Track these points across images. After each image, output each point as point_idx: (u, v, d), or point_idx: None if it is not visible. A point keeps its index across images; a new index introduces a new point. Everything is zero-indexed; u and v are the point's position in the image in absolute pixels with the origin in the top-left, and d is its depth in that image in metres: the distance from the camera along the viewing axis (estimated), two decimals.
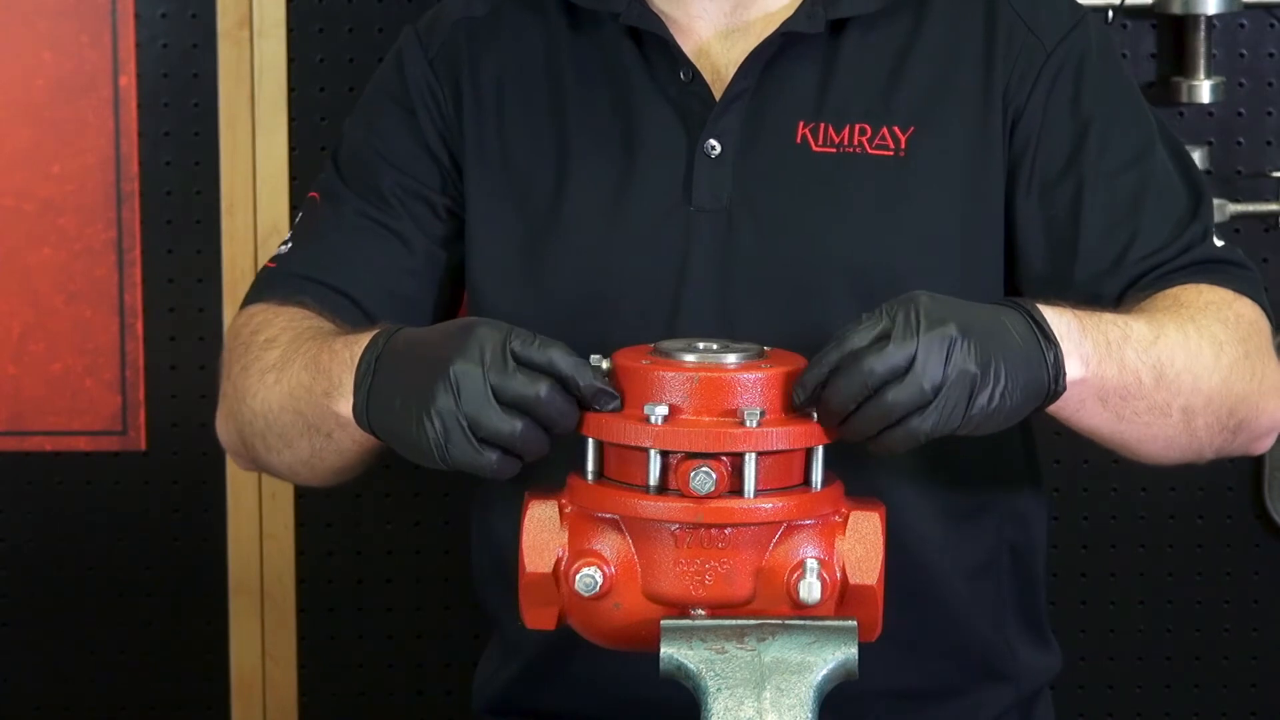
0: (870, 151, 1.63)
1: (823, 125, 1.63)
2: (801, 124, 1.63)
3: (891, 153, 1.62)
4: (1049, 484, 1.83)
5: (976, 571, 1.67)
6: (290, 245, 1.72)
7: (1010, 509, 1.69)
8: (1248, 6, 2.40)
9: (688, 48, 1.64)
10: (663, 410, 1.35)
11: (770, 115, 1.63)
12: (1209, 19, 2.37)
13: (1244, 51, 2.43)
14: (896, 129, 1.62)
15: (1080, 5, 1.68)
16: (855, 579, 1.38)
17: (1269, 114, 2.44)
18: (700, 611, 1.36)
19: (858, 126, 1.63)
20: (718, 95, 1.62)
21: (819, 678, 1.31)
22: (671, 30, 1.64)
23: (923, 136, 1.62)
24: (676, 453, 1.35)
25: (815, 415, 1.37)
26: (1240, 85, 2.43)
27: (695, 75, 1.63)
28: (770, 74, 1.64)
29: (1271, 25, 2.44)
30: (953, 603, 1.65)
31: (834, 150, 1.62)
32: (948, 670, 1.67)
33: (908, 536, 1.59)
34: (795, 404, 1.37)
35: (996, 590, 1.69)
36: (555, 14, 1.69)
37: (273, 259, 1.73)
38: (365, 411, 1.47)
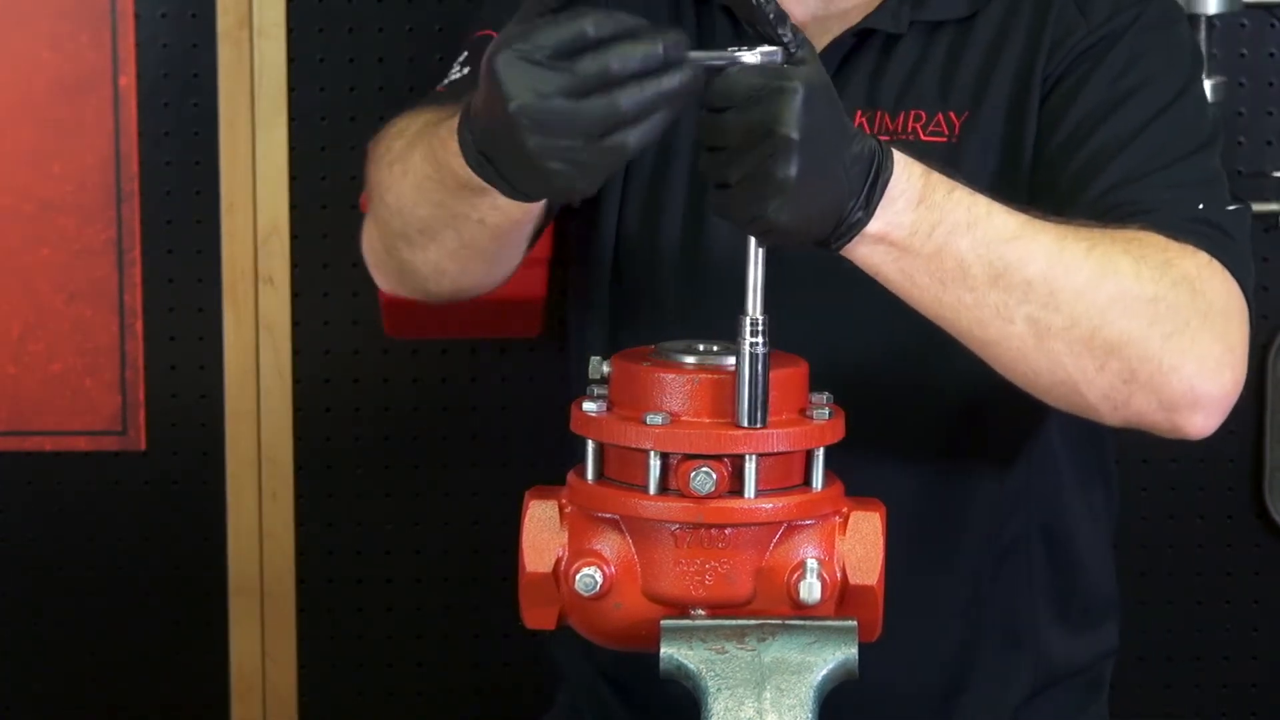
0: (924, 138, 1.65)
1: (879, 113, 1.65)
2: (860, 113, 1.65)
3: (945, 139, 1.65)
4: None
5: (998, 548, 1.71)
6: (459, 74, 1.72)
7: (1041, 491, 1.72)
8: (1248, 6, 2.40)
9: None
10: (663, 413, 1.35)
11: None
12: (1209, 19, 2.37)
13: (1244, 51, 2.43)
14: (952, 114, 1.65)
15: None
16: (855, 579, 1.38)
17: (1269, 114, 2.44)
18: (700, 611, 1.36)
19: (913, 113, 1.66)
20: None
21: (819, 678, 1.31)
22: None
23: (974, 120, 1.64)
24: (677, 453, 1.35)
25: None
26: (1240, 85, 2.43)
27: None
28: (847, 64, 1.67)
29: (1272, 25, 2.44)
30: (969, 576, 1.70)
31: (887, 138, 1.64)
32: (964, 635, 1.72)
33: (919, 507, 1.66)
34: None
35: (1025, 569, 1.72)
36: None
37: (444, 84, 1.72)
38: (473, 157, 1.41)
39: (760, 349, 1.35)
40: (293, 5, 2.41)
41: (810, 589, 1.35)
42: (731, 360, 1.37)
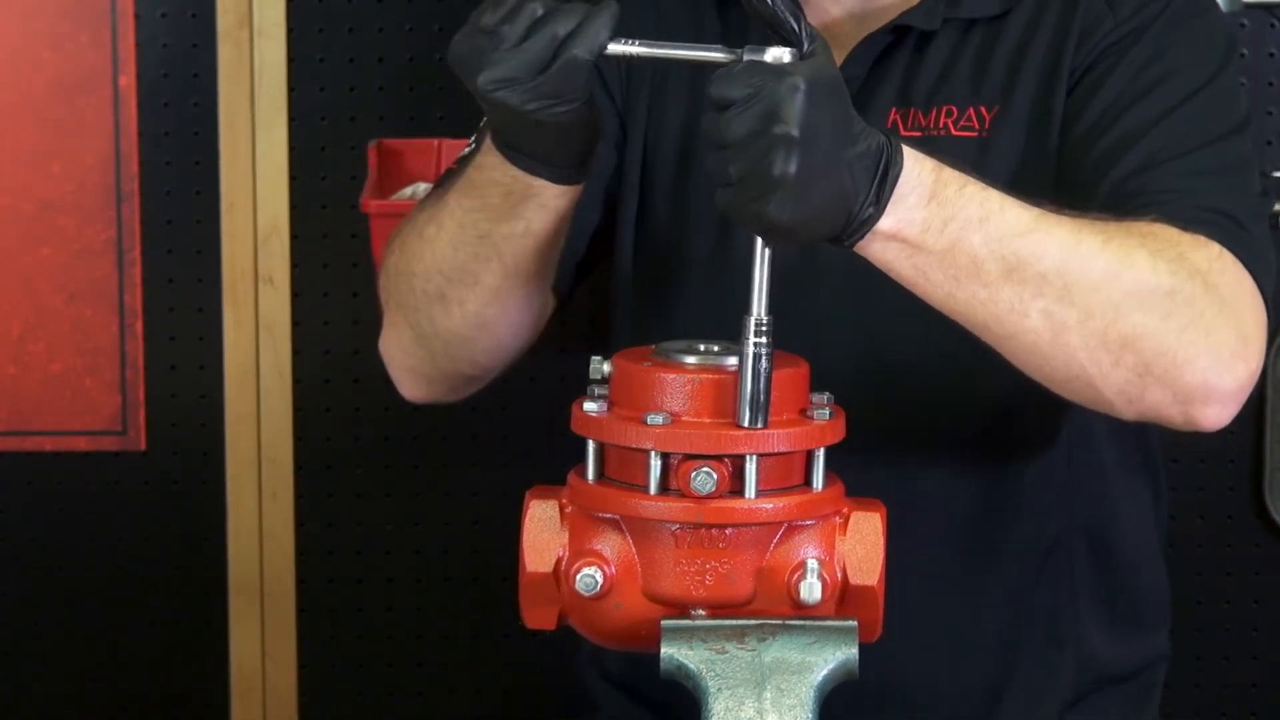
0: (954, 133, 1.66)
1: (912, 110, 1.66)
2: (894, 109, 1.65)
3: (975, 133, 1.65)
4: None
5: (1040, 547, 1.71)
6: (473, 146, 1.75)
7: (1084, 490, 1.72)
8: (1248, 6, 2.40)
9: (816, 25, 1.67)
10: (663, 413, 1.35)
11: (872, 101, 1.67)
12: None
13: (1244, 51, 2.43)
14: (983, 108, 1.66)
15: None
16: (856, 579, 1.38)
17: (1269, 114, 2.44)
18: (700, 611, 1.36)
19: (945, 109, 1.66)
20: None
21: (819, 678, 1.31)
22: (804, 8, 1.67)
23: (1003, 114, 1.65)
24: (677, 453, 1.35)
25: None
26: (1240, 85, 2.42)
27: None
28: (880, 62, 1.68)
29: (1272, 25, 2.44)
30: (1010, 575, 1.71)
31: (919, 134, 1.64)
32: (1005, 634, 1.72)
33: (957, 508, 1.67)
34: None
35: (1067, 569, 1.72)
36: None
37: (456, 160, 1.77)
38: (500, 138, 1.54)
39: (764, 350, 1.35)
40: (293, 5, 2.41)
41: (810, 589, 1.35)
42: (732, 360, 1.37)
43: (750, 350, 1.35)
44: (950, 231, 1.42)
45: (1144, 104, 1.60)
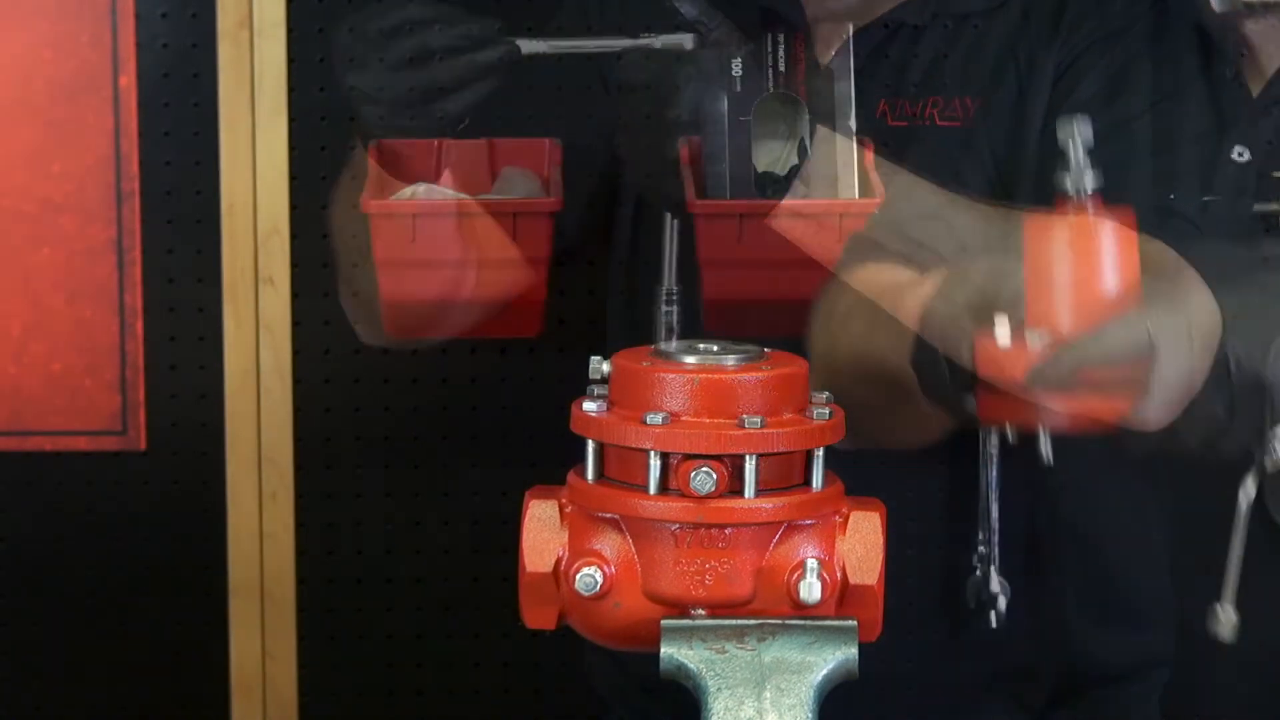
0: (939, 123, 1.69)
1: (901, 101, 1.68)
2: (883, 101, 1.67)
3: (959, 122, 1.67)
4: None
5: (1021, 543, 1.72)
6: None
7: (1068, 486, 1.72)
8: (1248, 6, 2.40)
9: (819, 19, 1.70)
10: (663, 413, 1.35)
11: (864, 93, 1.69)
12: None
13: (1244, 51, 2.43)
14: (968, 99, 1.68)
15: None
16: (856, 579, 1.38)
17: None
18: (700, 611, 1.36)
19: (931, 99, 1.70)
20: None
21: (819, 678, 1.31)
22: (808, 2, 1.71)
23: (987, 104, 1.66)
24: (677, 453, 1.35)
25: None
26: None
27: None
28: (874, 56, 1.71)
29: (1272, 26, 2.43)
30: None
31: (906, 124, 1.67)
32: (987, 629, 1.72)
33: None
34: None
35: (1051, 564, 1.73)
36: None
37: None
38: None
39: (673, 317, 1.48)
40: (293, 5, 2.41)
41: (810, 589, 1.35)
42: (731, 359, 1.37)
43: (662, 319, 1.48)
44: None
45: (1107, 110, 1.61)
